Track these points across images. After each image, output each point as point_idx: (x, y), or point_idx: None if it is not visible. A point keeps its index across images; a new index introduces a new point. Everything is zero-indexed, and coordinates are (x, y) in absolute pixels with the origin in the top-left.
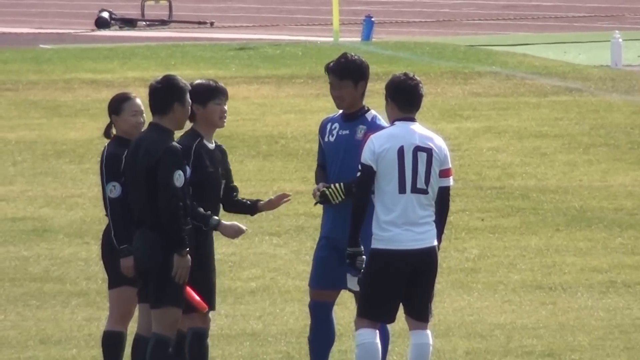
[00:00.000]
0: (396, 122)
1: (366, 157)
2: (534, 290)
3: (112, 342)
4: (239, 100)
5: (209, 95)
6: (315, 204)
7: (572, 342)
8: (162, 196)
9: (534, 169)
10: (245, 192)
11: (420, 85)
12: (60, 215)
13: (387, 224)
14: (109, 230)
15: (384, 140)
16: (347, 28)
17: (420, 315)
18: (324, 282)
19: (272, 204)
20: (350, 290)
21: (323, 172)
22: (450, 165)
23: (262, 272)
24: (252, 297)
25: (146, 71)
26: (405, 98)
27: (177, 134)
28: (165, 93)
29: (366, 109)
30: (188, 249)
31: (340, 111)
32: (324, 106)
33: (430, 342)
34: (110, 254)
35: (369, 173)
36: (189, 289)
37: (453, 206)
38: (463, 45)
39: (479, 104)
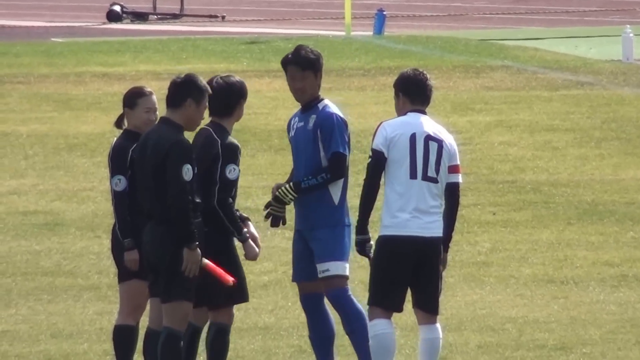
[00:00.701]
0: (408, 113)
1: (378, 142)
2: (546, 284)
3: (123, 336)
4: (250, 94)
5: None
6: (267, 216)
7: (584, 335)
8: (171, 190)
9: (546, 163)
10: (257, 185)
11: (430, 79)
12: (71, 209)
13: (397, 210)
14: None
15: (397, 127)
16: (359, 22)
17: (428, 307)
18: (305, 274)
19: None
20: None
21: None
22: (459, 162)
23: (274, 265)
24: (265, 290)
25: (158, 65)
26: (416, 91)
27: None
28: (181, 87)
29: (320, 98)
30: (197, 243)
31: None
32: (335, 100)
33: (440, 335)
34: (119, 248)
35: (380, 159)
36: (211, 265)
37: (465, 200)
38: (475, 39)
39: (490, 98)
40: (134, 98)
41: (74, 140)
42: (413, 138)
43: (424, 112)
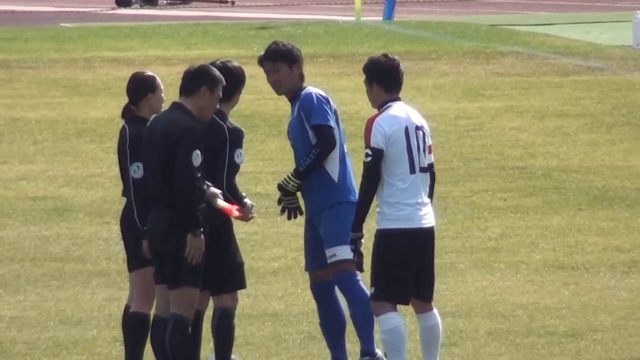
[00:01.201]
0: (390, 104)
1: (378, 141)
2: (556, 270)
3: (137, 324)
4: (260, 80)
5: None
6: (282, 211)
7: (595, 322)
8: (180, 176)
9: (556, 149)
10: (267, 171)
11: (401, 64)
12: (80, 194)
13: (400, 203)
14: (127, 211)
15: (392, 122)
16: (368, 7)
17: (426, 295)
18: (315, 262)
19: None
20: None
21: None
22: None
23: (284, 251)
24: (274, 277)
25: (167, 50)
26: (391, 80)
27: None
28: (196, 75)
29: (304, 87)
30: (202, 229)
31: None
32: (347, 85)
33: (439, 321)
34: (130, 236)
35: (380, 157)
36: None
37: (475, 186)
38: (485, 24)
39: (501, 84)
40: (154, 81)
41: (83, 125)
42: (407, 132)
43: (399, 99)
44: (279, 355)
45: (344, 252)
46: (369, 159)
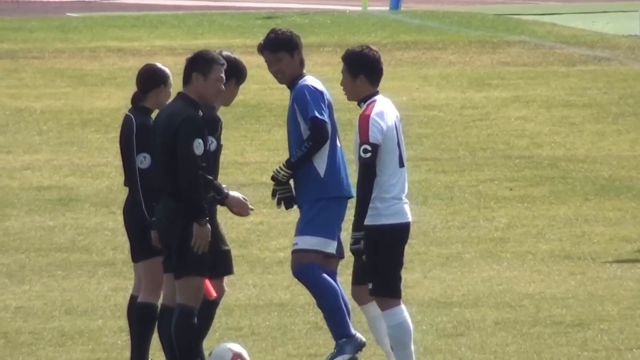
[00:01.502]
0: (374, 98)
1: (377, 136)
2: (563, 260)
3: (145, 314)
4: (266, 69)
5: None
6: (278, 203)
7: (601, 312)
8: (182, 165)
9: (563, 139)
10: (273, 161)
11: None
12: (86, 184)
13: (394, 198)
14: (130, 201)
15: (384, 117)
16: None
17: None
18: None
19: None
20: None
21: None
22: None
23: (290, 242)
24: (280, 267)
25: (173, 40)
26: (376, 72)
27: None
28: (188, 62)
29: (302, 75)
30: (208, 219)
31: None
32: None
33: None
34: (133, 226)
35: (377, 152)
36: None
37: (481, 175)
38: (491, 14)
39: (507, 73)
40: (166, 75)
41: (88, 115)
42: (396, 126)
43: (379, 92)
44: (285, 346)
45: (304, 242)
46: (369, 154)
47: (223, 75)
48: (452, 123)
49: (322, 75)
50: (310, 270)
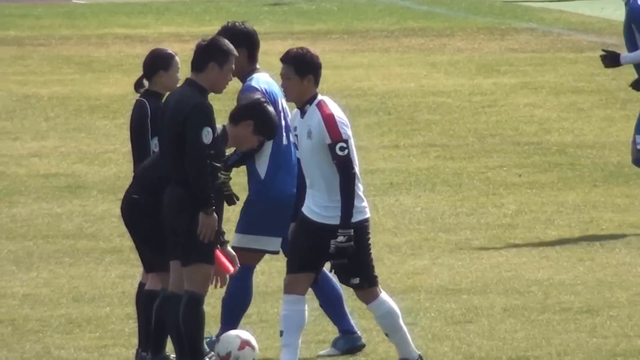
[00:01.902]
0: (321, 98)
1: (347, 132)
2: (572, 246)
3: (152, 301)
4: (273, 56)
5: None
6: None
7: (610, 298)
8: (190, 153)
9: (571, 125)
10: None
11: None
12: (93, 171)
13: (362, 193)
14: (133, 190)
15: (343, 113)
16: None
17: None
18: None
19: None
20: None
21: None
22: None
23: None
24: None
25: (180, 27)
26: (320, 73)
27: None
28: (204, 50)
29: (256, 70)
30: (214, 208)
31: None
32: (360, 62)
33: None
34: (144, 215)
35: (350, 147)
36: (217, 254)
37: (490, 162)
38: (499, 0)
39: (515, 60)
40: (169, 59)
41: (95, 102)
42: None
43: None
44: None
45: (238, 240)
46: (346, 151)
47: (233, 66)
48: (460, 110)
49: (329, 63)
50: (240, 272)
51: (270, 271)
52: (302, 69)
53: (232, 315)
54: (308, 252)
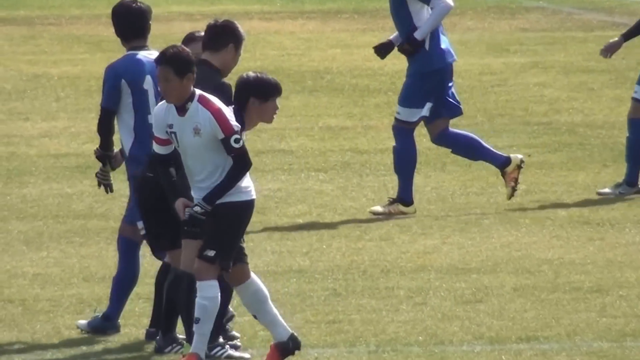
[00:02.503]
0: (199, 92)
1: (236, 122)
2: (582, 225)
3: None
4: (284, 36)
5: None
6: (98, 184)
7: (620, 278)
8: None
9: (581, 104)
10: (290, 127)
11: None
12: None
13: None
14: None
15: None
16: None
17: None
18: (133, 216)
19: None
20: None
21: None
22: None
23: (308, 208)
24: (299, 233)
25: (191, 5)
26: (195, 69)
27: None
28: (224, 30)
29: (131, 54)
30: None
31: None
32: (370, 41)
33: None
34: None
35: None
36: None
37: (500, 142)
38: None
39: (525, 39)
40: (187, 42)
41: None
42: None
43: None
44: (304, 312)
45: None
46: (241, 142)
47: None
48: (470, 89)
49: (339, 42)
50: (127, 245)
51: (281, 250)
52: (181, 69)
53: (121, 292)
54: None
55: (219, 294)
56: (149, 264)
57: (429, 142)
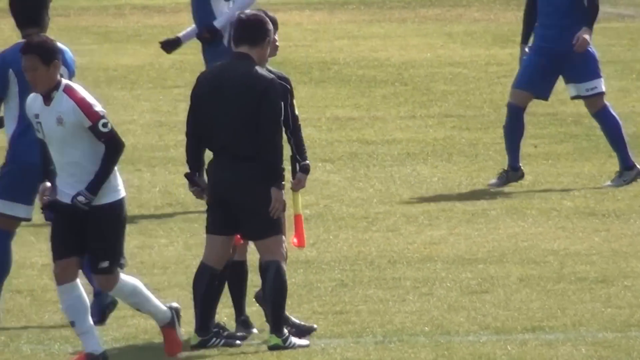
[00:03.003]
0: (65, 81)
1: (101, 108)
2: (587, 216)
3: (236, 272)
4: (291, 27)
5: None
6: None
7: (625, 268)
8: (271, 129)
9: None
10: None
11: None
12: None
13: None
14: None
15: None
16: None
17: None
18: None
19: None
20: None
21: None
22: None
23: (315, 199)
24: (306, 224)
25: None
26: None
27: None
28: (263, 25)
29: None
30: (284, 182)
31: None
32: (377, 32)
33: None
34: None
35: None
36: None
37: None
38: None
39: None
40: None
41: (113, 72)
42: None
43: None
44: (311, 303)
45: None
46: (109, 125)
47: None
48: (476, 80)
49: (346, 33)
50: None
51: (288, 241)
52: (47, 56)
53: None
54: (70, 237)
55: (82, 292)
56: (149, 256)
57: (435, 133)
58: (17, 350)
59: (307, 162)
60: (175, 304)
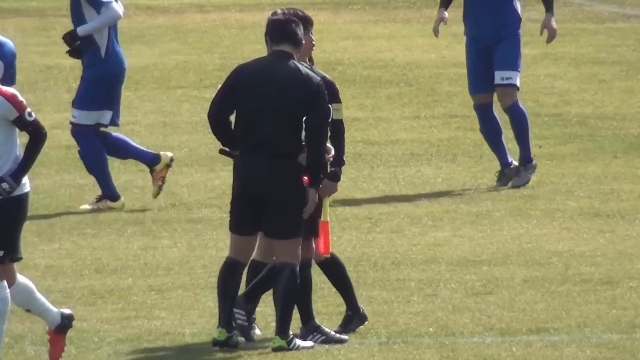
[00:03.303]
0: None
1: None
2: (592, 217)
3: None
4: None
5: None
6: None
7: (630, 269)
8: (321, 130)
9: (592, 96)
10: None
11: None
12: None
13: None
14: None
15: None
16: None
17: None
18: None
19: None
20: None
21: None
22: None
23: None
24: None
25: None
26: None
27: None
28: (298, 23)
29: None
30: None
31: None
32: (382, 32)
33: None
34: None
35: None
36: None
37: (510, 133)
38: None
39: (536, 30)
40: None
41: None
42: None
43: None
44: (315, 304)
45: None
46: (34, 114)
47: None
48: None
49: (351, 33)
50: None
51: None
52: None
53: None
54: None
55: (8, 294)
56: (153, 257)
57: (440, 133)
58: (21, 351)
59: (338, 168)
60: (68, 311)
